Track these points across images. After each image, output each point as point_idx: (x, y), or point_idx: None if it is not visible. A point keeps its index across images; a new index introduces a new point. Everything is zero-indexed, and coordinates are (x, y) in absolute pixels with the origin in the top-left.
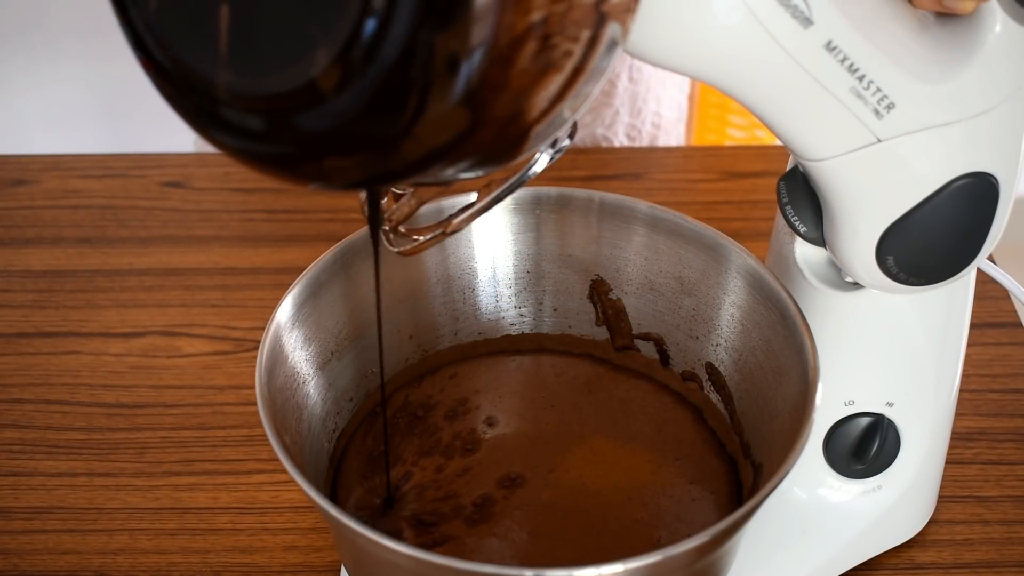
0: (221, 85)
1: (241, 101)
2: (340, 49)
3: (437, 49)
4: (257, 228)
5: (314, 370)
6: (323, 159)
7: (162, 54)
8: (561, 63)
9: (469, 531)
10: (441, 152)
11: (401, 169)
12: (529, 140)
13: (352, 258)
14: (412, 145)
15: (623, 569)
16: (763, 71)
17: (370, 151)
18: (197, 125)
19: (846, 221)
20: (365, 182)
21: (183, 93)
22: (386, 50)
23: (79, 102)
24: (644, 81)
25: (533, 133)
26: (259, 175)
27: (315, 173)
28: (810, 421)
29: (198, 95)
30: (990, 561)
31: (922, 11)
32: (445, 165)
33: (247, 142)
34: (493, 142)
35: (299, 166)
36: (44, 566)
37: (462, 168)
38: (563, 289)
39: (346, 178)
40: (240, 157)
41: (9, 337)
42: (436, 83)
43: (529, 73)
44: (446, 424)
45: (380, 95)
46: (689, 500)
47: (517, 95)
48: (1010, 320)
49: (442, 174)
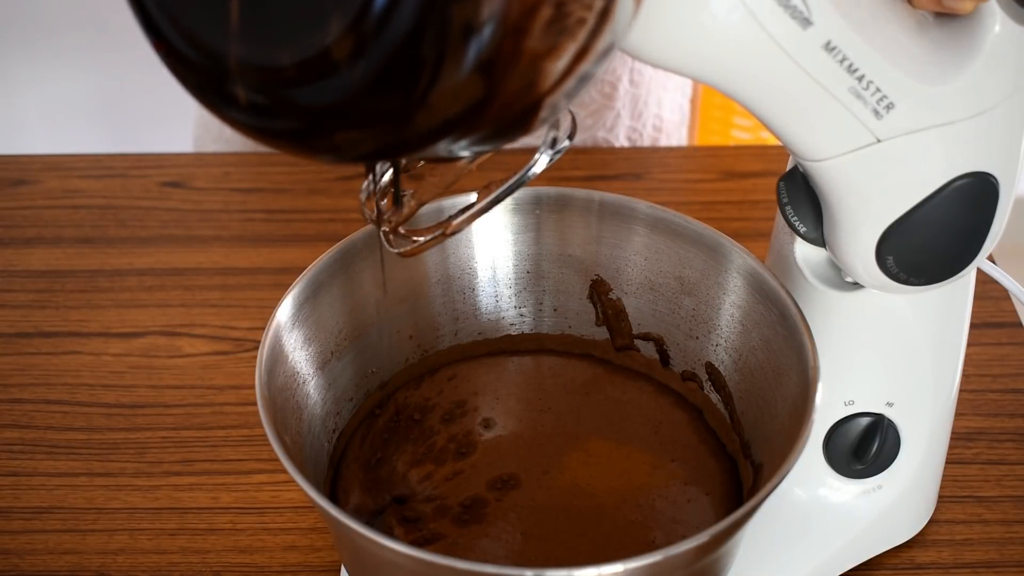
0: (233, 58)
1: (254, 74)
2: (353, 17)
3: (452, 17)
4: (257, 228)
5: (314, 370)
6: (337, 131)
7: (173, 32)
8: (575, 31)
9: (461, 532)
10: (454, 123)
11: (415, 140)
12: (542, 111)
13: (352, 258)
14: (426, 115)
15: (623, 569)
16: (762, 72)
17: (384, 122)
18: (210, 103)
19: (846, 221)
20: (378, 154)
21: (195, 71)
22: (400, 18)
23: (79, 102)
24: (645, 84)
25: (546, 104)
26: (258, 176)
27: (329, 146)
28: (810, 421)
29: (210, 71)
30: (990, 561)
31: (921, 11)
32: (458, 137)
33: (260, 117)
34: (506, 113)
35: (312, 139)
36: (44, 566)
37: (473, 141)
38: (563, 289)
39: (359, 150)
40: (253, 133)
41: (9, 337)
42: (450, 51)
43: (543, 42)
44: (442, 427)
45: (394, 64)
46: (684, 501)
47: (531, 64)
48: (1010, 320)
49: (453, 147)
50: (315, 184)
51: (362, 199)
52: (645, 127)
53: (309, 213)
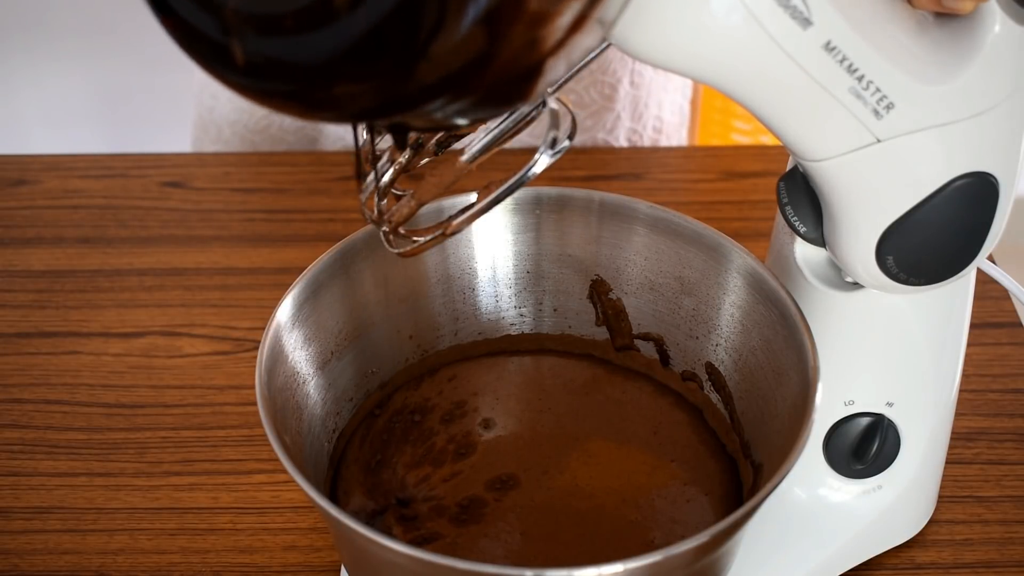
0: (231, 9)
1: (253, 24)
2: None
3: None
4: (257, 228)
5: (314, 370)
6: (336, 83)
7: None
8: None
9: (461, 532)
10: (456, 79)
11: (416, 95)
12: (543, 75)
13: (352, 258)
14: (427, 68)
15: (623, 569)
16: (762, 72)
17: (384, 75)
18: (212, 67)
19: (846, 221)
20: (378, 110)
21: (192, 28)
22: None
23: (79, 102)
24: (645, 85)
25: (547, 67)
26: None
27: (328, 99)
28: (810, 421)
29: (211, 29)
30: (990, 561)
31: (921, 11)
32: (458, 95)
33: (259, 71)
34: (508, 72)
35: (312, 93)
36: (44, 566)
37: (474, 103)
38: (563, 289)
39: (359, 104)
40: (252, 93)
41: (9, 337)
42: (452, 1)
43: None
44: (442, 428)
45: (395, 12)
46: (683, 501)
47: (533, 20)
48: (1010, 320)
49: (453, 110)
50: (315, 184)
51: (362, 199)
52: (645, 128)
53: (309, 213)
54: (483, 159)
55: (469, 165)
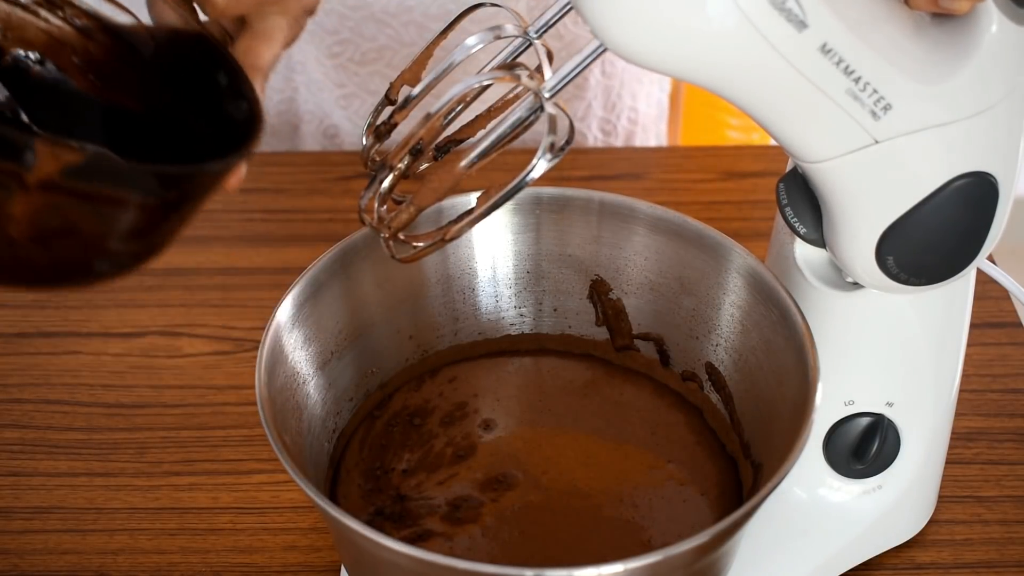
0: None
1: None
2: None
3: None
4: (257, 228)
5: (314, 370)
6: None
7: None
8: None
9: (460, 531)
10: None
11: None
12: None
13: (352, 258)
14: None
15: (623, 569)
16: (758, 75)
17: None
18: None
19: (846, 222)
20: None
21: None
22: None
23: None
24: (618, 75)
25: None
26: (258, 176)
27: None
28: (810, 421)
29: None
30: (990, 561)
31: (918, 12)
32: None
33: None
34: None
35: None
36: (44, 566)
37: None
38: (563, 289)
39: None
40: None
41: (9, 337)
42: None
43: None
44: (442, 429)
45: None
46: (680, 501)
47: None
48: (1010, 320)
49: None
50: (315, 184)
51: (362, 205)
52: (619, 119)
53: (309, 213)
54: (482, 164)
55: (468, 170)
